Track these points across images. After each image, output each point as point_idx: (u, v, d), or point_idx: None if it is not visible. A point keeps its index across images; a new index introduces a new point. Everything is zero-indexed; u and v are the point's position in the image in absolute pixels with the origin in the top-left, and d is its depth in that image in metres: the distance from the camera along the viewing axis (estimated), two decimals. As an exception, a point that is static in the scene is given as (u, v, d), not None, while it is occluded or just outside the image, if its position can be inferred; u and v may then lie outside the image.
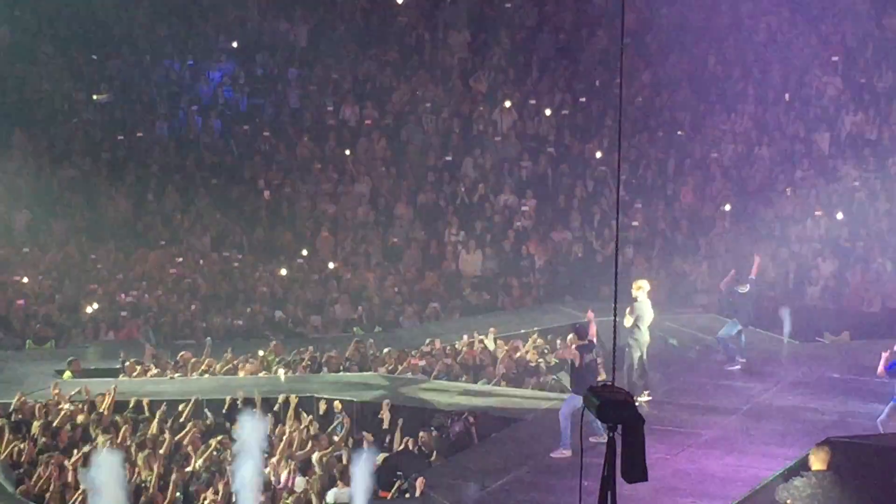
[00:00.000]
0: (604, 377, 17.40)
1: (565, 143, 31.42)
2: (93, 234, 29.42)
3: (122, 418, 18.28)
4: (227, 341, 23.91)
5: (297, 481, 16.22)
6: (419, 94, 33.08)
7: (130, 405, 19.05)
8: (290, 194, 30.91)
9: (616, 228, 11.86)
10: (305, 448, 17.18)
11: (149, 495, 15.08)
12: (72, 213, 29.94)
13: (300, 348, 22.88)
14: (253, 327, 25.86)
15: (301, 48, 34.69)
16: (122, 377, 21.27)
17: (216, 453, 16.80)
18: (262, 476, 16.03)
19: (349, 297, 27.08)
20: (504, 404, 18.90)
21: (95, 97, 32.96)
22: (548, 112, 32.09)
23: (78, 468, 15.96)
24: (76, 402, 19.04)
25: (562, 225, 29.17)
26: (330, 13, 35.32)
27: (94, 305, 25.71)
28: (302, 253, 29.24)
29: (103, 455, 14.85)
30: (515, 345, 22.28)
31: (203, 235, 29.74)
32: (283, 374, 20.96)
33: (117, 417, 18.36)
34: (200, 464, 16.52)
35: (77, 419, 18.31)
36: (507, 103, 32.26)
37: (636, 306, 17.79)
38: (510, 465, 15.93)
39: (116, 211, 30.15)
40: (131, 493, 15.22)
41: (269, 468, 16.56)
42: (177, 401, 19.30)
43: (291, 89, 33.62)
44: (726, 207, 28.31)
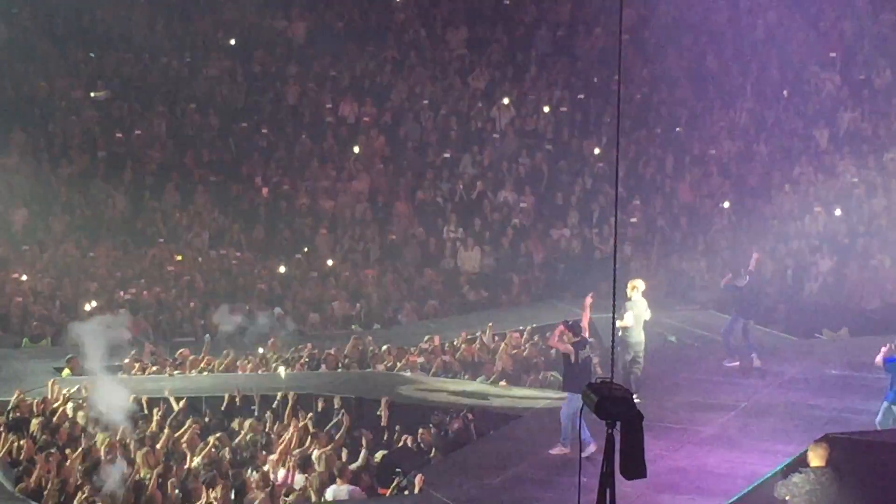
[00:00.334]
0: (599, 372, 17.31)
1: (563, 140, 31.42)
2: (91, 231, 29.41)
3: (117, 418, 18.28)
4: (226, 339, 23.90)
5: (297, 479, 16.21)
6: (417, 92, 33.08)
7: (129, 403, 19.03)
8: (289, 192, 30.90)
9: (615, 225, 11.87)
10: (304, 445, 17.16)
11: (148, 493, 15.06)
12: (70, 210, 29.92)
13: (298, 346, 22.89)
14: (251, 325, 25.83)
15: (299, 45, 34.67)
16: (121, 375, 21.26)
17: (215, 451, 16.80)
18: (262, 473, 16.04)
19: (348, 295, 27.09)
20: (503, 401, 18.90)
21: (93, 94, 32.93)
22: (546, 109, 32.10)
23: (77, 465, 15.95)
24: (75, 399, 19.02)
25: (560, 222, 29.17)
26: (328, 10, 35.32)
27: (92, 303, 25.69)
28: (301, 250, 29.23)
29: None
30: (515, 341, 22.27)
31: (201, 233, 29.73)
32: (282, 371, 20.96)
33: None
34: (199, 461, 16.52)
35: (76, 417, 18.29)
36: (506, 100, 32.27)
37: (628, 305, 17.70)
38: (509, 461, 15.92)
39: (115, 208, 30.14)
40: (130, 491, 15.20)
41: (268, 465, 16.55)
42: (176, 398, 19.30)
43: (289, 87, 33.60)
44: (725, 205, 28.32)
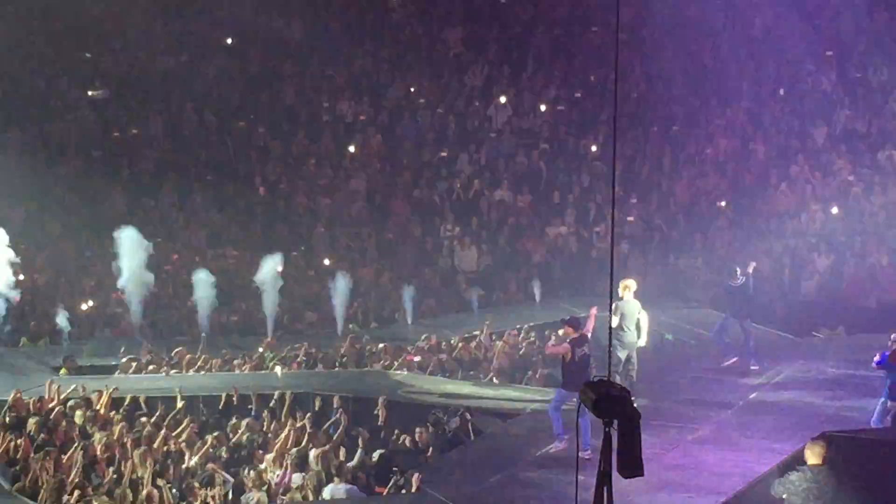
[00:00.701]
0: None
1: (560, 139, 31.43)
2: (88, 230, 29.37)
3: (117, 415, 18.27)
4: (223, 338, 23.89)
5: (294, 478, 16.21)
6: (414, 90, 33.08)
7: (126, 402, 19.03)
8: (286, 190, 30.90)
9: (611, 224, 11.86)
10: (301, 444, 17.16)
11: (144, 492, 15.05)
12: (67, 210, 29.89)
13: (295, 344, 22.88)
14: (248, 324, 25.83)
15: (296, 44, 34.66)
16: (118, 374, 21.26)
17: (212, 450, 16.80)
18: (259, 472, 16.04)
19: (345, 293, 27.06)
20: (500, 400, 18.90)
21: (91, 93, 32.90)
22: (543, 107, 32.10)
23: (75, 464, 15.94)
24: (72, 398, 19.00)
25: (557, 220, 29.17)
26: (324, 9, 35.31)
27: (89, 302, 25.68)
28: (298, 248, 29.22)
29: None
30: (513, 339, 22.27)
31: (199, 232, 29.72)
32: (279, 370, 20.95)
33: (113, 414, 18.35)
34: (196, 460, 16.51)
35: (74, 416, 18.28)
36: (502, 99, 32.27)
37: (620, 305, 17.59)
38: (506, 460, 15.92)
39: (112, 208, 30.11)
40: (127, 490, 15.20)
41: (265, 464, 16.55)
42: (173, 397, 19.29)
43: (286, 86, 33.59)
44: (722, 204, 28.32)
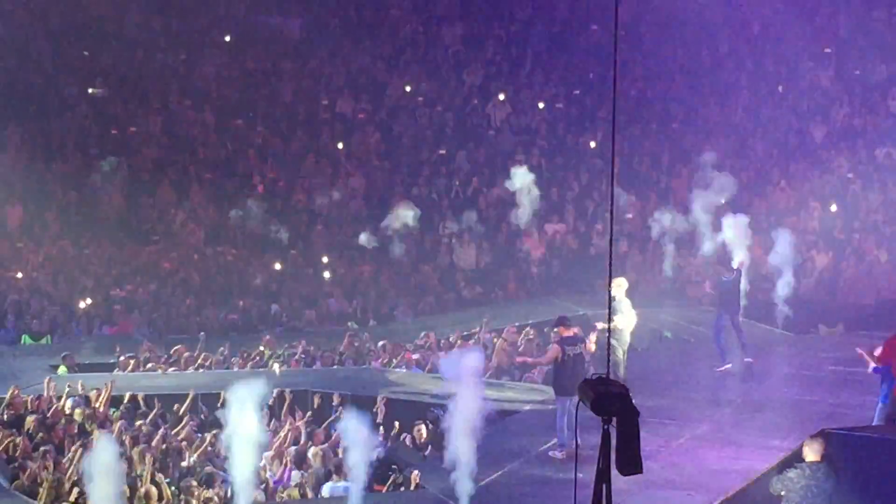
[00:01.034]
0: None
1: (559, 136, 31.42)
2: (86, 228, 29.36)
3: (116, 413, 18.26)
4: (222, 336, 23.88)
5: (293, 475, 16.20)
6: (412, 88, 33.06)
7: (125, 400, 19.02)
8: (284, 188, 30.88)
9: (610, 221, 11.91)
10: (300, 442, 17.15)
11: (143, 490, 15.03)
12: (65, 207, 29.87)
13: (293, 342, 22.87)
14: (247, 322, 25.84)
15: (294, 42, 34.64)
16: (117, 372, 21.25)
17: (211, 448, 16.78)
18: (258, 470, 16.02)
19: (343, 291, 27.07)
20: (498, 398, 18.87)
21: (91, 91, 32.86)
22: (541, 105, 32.09)
23: (74, 462, 15.92)
24: (71, 396, 18.98)
25: (556, 218, 29.16)
26: (323, 7, 35.28)
27: (87, 300, 25.68)
28: (297, 246, 29.21)
29: (101, 444, 14.61)
30: (511, 337, 22.26)
31: (197, 230, 29.69)
32: (277, 368, 20.94)
33: (112, 412, 18.34)
34: (195, 458, 16.50)
35: (73, 414, 18.26)
36: (501, 96, 32.26)
37: (616, 305, 17.46)
38: (505, 457, 15.91)
39: (110, 205, 30.09)
40: (126, 487, 15.17)
41: (264, 462, 16.53)
42: (172, 395, 19.28)
43: (285, 83, 33.57)
44: (721, 201, 28.28)
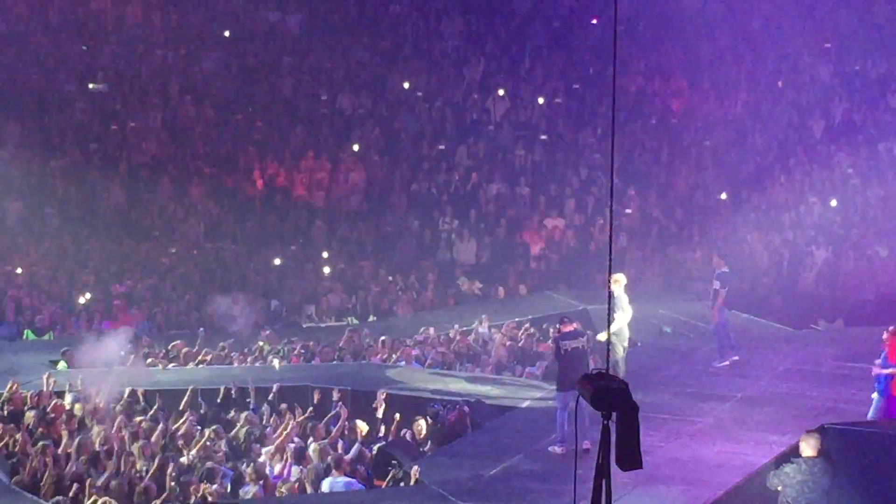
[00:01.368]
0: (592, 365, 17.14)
1: (559, 131, 31.41)
2: (86, 224, 29.36)
3: (116, 408, 18.25)
4: (221, 331, 23.88)
5: (292, 471, 16.20)
6: (412, 83, 33.05)
7: (125, 395, 19.01)
8: (284, 184, 30.87)
9: (610, 216, 11.84)
10: (300, 437, 17.14)
11: (143, 485, 15.03)
12: (65, 203, 29.87)
13: (292, 338, 22.87)
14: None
15: (294, 37, 34.62)
16: (117, 367, 21.23)
17: (210, 443, 16.78)
18: (257, 465, 16.02)
19: (343, 287, 27.08)
20: (498, 393, 18.89)
21: (92, 86, 32.84)
22: (541, 100, 32.08)
23: (73, 457, 15.93)
24: (71, 392, 18.98)
25: (555, 213, 29.16)
26: (322, 2, 35.25)
27: (87, 295, 25.68)
28: (297, 242, 29.21)
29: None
30: (511, 332, 22.26)
31: (196, 225, 29.70)
32: (276, 363, 20.94)
33: (112, 407, 18.34)
34: (195, 454, 16.50)
35: (73, 409, 18.26)
36: (501, 92, 32.24)
37: (614, 302, 17.40)
38: (504, 453, 15.91)
39: (110, 201, 30.10)
40: (126, 484, 15.19)
41: (263, 458, 16.53)
42: (172, 391, 19.29)
43: (284, 79, 33.55)
44: (722, 196, 28.31)
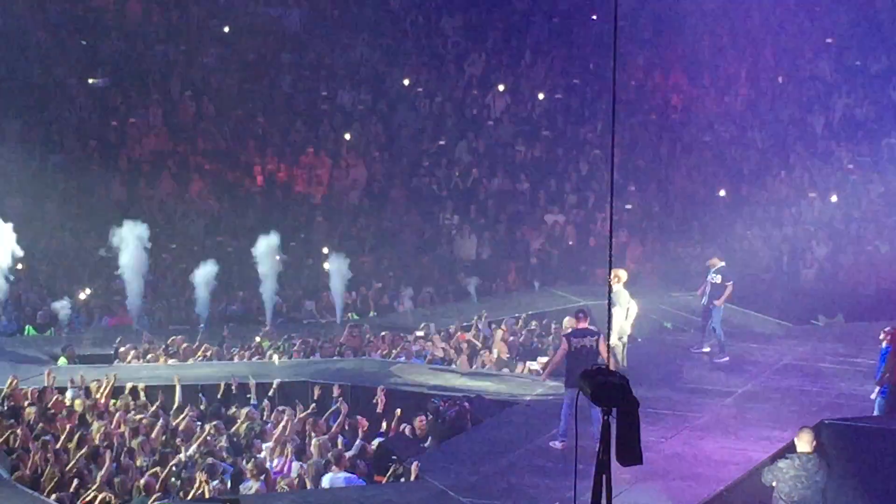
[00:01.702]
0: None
1: (559, 127, 31.41)
2: (86, 219, 29.34)
3: (116, 404, 18.26)
4: (221, 327, 23.88)
5: (293, 466, 16.21)
6: (412, 79, 33.03)
7: (125, 391, 19.02)
8: (284, 179, 30.87)
9: (610, 212, 11.82)
10: (300, 433, 17.15)
11: (143, 481, 15.04)
12: (65, 198, 29.85)
13: (292, 333, 22.87)
14: (247, 313, 25.83)
15: (294, 33, 34.59)
16: (117, 363, 21.26)
17: (211, 438, 16.79)
18: (257, 461, 16.04)
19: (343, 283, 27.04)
20: (498, 389, 18.90)
21: (92, 81, 32.82)
22: (541, 96, 32.07)
23: (73, 453, 15.93)
24: (71, 388, 18.98)
25: (556, 209, 29.17)
26: (323, -3, 35.24)
27: (86, 291, 25.67)
28: (297, 238, 29.19)
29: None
30: (511, 328, 22.27)
31: (197, 221, 29.69)
32: (276, 359, 20.94)
33: (112, 403, 18.34)
34: (195, 449, 16.51)
35: (73, 405, 18.26)
36: (501, 87, 32.23)
37: (613, 298, 17.45)
38: (505, 449, 15.92)
39: (110, 196, 30.07)
40: (126, 479, 15.19)
41: (264, 453, 16.54)
42: (172, 386, 19.29)
43: (284, 74, 33.53)
44: (721, 193, 28.30)
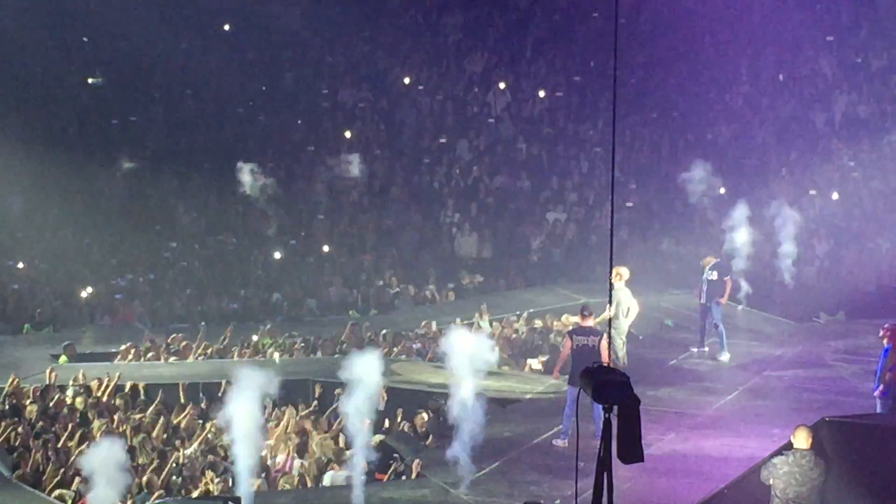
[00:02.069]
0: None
1: (560, 125, 31.39)
2: (87, 218, 29.34)
3: (117, 402, 18.26)
4: (222, 325, 23.87)
5: (294, 464, 16.21)
6: (413, 77, 33.02)
7: (126, 389, 19.02)
8: (285, 177, 30.85)
9: (611, 210, 11.82)
10: (302, 431, 17.15)
11: (145, 479, 15.05)
12: (66, 197, 29.84)
13: (294, 331, 22.87)
14: (248, 311, 25.83)
15: (294, 31, 34.58)
16: (118, 361, 21.26)
17: (212, 436, 16.80)
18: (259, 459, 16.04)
19: (344, 280, 27.06)
20: (499, 386, 18.89)
21: (91, 80, 32.82)
22: (542, 93, 32.06)
23: (75, 453, 15.92)
24: (73, 386, 18.99)
25: (557, 206, 29.14)
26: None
27: (88, 290, 25.67)
28: (298, 235, 29.20)
29: (104, 443, 14.43)
30: (513, 325, 22.25)
31: (198, 219, 29.68)
32: (276, 357, 20.94)
33: (114, 401, 18.34)
34: (196, 447, 16.52)
35: (74, 404, 18.27)
36: (502, 85, 32.22)
37: (613, 295, 17.40)
38: (506, 446, 15.93)
39: (111, 195, 30.07)
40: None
41: (265, 451, 16.55)
42: (173, 385, 19.30)
43: (285, 72, 33.51)
44: (721, 191, 28.26)
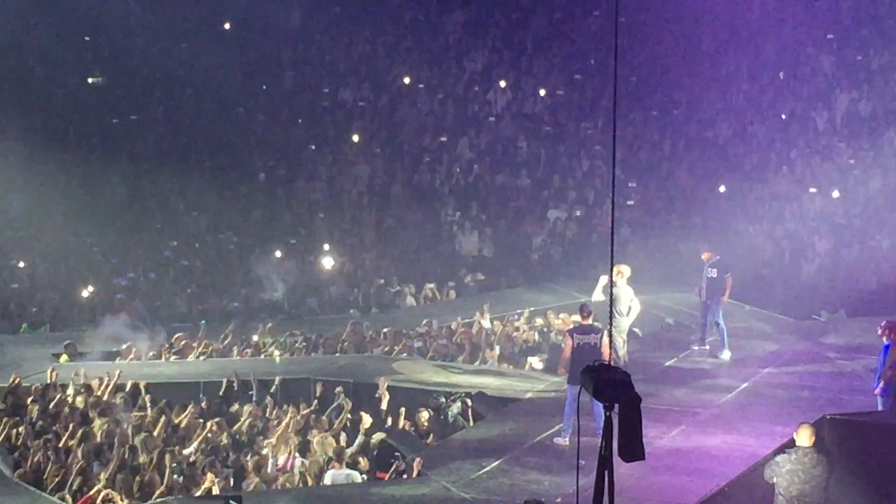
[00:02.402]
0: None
1: (560, 123, 31.40)
2: (88, 217, 29.36)
3: (118, 401, 18.27)
4: (223, 324, 23.90)
5: (295, 463, 16.21)
6: (414, 75, 33.02)
7: (127, 388, 19.03)
8: (286, 176, 30.87)
9: (612, 208, 11.84)
10: (303, 430, 17.16)
11: (146, 478, 15.05)
12: (67, 197, 29.87)
13: (295, 330, 22.89)
14: (249, 310, 25.85)
15: (295, 30, 34.60)
16: (119, 360, 21.27)
17: (213, 436, 16.81)
18: (260, 458, 16.06)
19: (345, 279, 27.07)
20: (500, 385, 18.90)
21: (91, 80, 32.83)
22: (542, 92, 32.06)
23: (75, 450, 15.94)
24: (74, 385, 19.00)
25: (558, 205, 29.14)
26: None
27: (89, 289, 25.69)
28: (299, 234, 29.21)
29: None
30: (514, 323, 22.26)
31: (198, 218, 29.70)
32: (277, 356, 20.94)
33: (115, 400, 18.35)
34: (197, 446, 16.52)
35: (75, 403, 18.28)
36: (502, 83, 32.22)
37: (613, 291, 17.30)
38: (507, 445, 15.93)
39: (112, 194, 30.09)
40: (129, 476, 15.20)
41: (266, 450, 16.56)
42: (174, 384, 19.31)
43: (285, 71, 33.53)
44: (722, 189, 28.28)
